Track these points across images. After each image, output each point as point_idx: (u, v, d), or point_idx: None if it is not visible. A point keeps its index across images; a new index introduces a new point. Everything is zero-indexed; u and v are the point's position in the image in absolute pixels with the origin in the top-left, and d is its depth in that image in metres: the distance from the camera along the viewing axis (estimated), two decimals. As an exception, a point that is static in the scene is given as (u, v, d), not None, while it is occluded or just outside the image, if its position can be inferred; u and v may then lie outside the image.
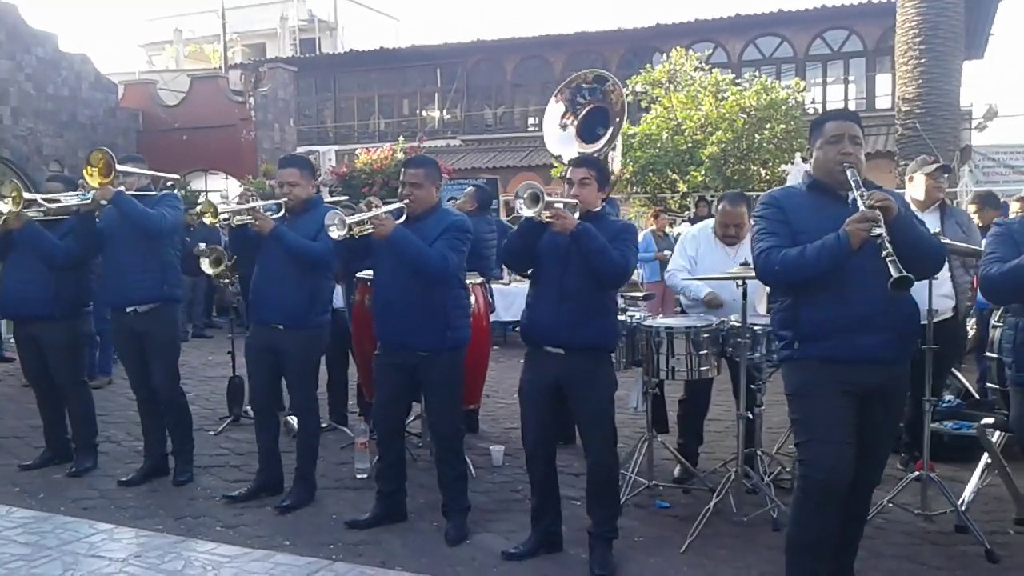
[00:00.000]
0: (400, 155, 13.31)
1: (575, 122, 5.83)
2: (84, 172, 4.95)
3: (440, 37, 56.80)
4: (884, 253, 2.91)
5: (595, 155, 5.33)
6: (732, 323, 4.56)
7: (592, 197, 3.89)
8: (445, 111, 25.12)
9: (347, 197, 9.53)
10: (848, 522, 3.39)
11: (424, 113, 25.59)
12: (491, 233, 7.20)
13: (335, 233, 3.95)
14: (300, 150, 19.51)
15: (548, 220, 3.67)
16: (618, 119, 5.72)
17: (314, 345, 4.79)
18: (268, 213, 4.67)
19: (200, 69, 26.64)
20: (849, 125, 3.27)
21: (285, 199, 4.70)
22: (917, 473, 4.38)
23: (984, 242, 3.40)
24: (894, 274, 2.86)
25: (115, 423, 6.60)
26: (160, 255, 5.03)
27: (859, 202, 3.04)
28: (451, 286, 4.25)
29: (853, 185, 3.11)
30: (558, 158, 6.23)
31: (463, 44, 24.09)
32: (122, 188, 4.94)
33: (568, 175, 3.97)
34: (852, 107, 21.03)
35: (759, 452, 4.70)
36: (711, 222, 5.31)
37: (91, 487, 5.08)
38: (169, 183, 6.33)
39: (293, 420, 5.31)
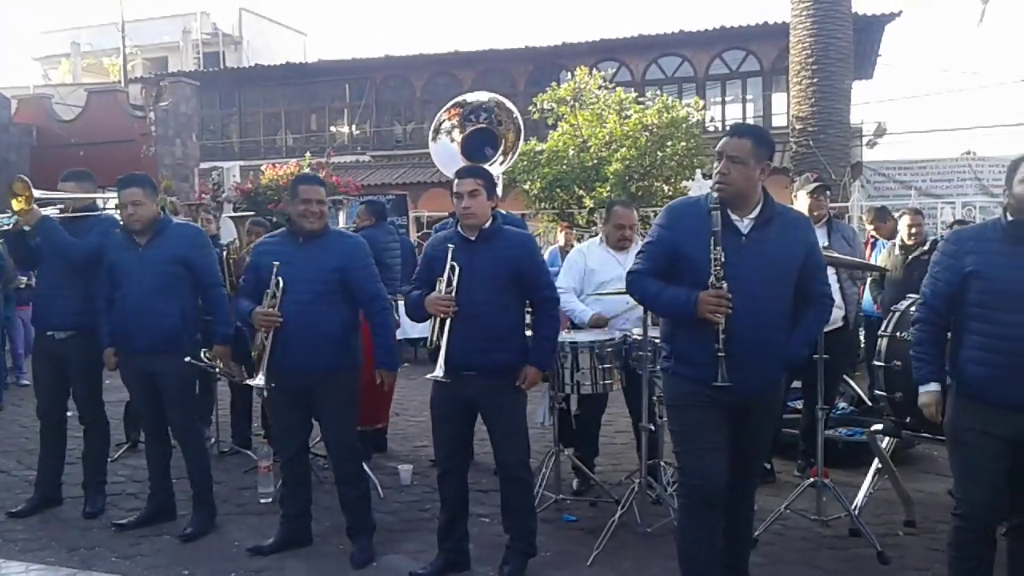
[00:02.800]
0: (307, 171, 13.14)
1: (458, 139, 5.83)
2: (12, 200, 4.73)
3: (348, 52, 56.40)
4: (717, 350, 3.13)
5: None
6: (634, 336, 4.64)
7: (483, 208, 3.88)
8: (354, 127, 24.91)
9: (253, 213, 9.38)
10: (732, 543, 3.49)
11: (333, 128, 25.32)
12: (394, 243, 7.16)
13: None
14: (204, 165, 19.09)
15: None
16: (506, 143, 5.78)
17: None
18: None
19: (98, 83, 25.77)
20: (731, 143, 3.22)
21: (130, 220, 4.47)
22: (812, 480, 4.52)
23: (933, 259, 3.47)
24: (718, 381, 3.14)
25: (5, 451, 6.30)
26: (85, 282, 4.78)
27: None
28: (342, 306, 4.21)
29: (713, 220, 3.16)
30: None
31: (372, 60, 23.96)
32: (48, 213, 4.76)
33: (456, 188, 3.93)
34: (751, 125, 21.78)
35: (662, 463, 4.79)
36: (597, 237, 5.41)
37: (-23, 521, 4.83)
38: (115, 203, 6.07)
39: None
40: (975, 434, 3.18)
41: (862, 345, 7.51)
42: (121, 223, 4.59)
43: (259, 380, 4.15)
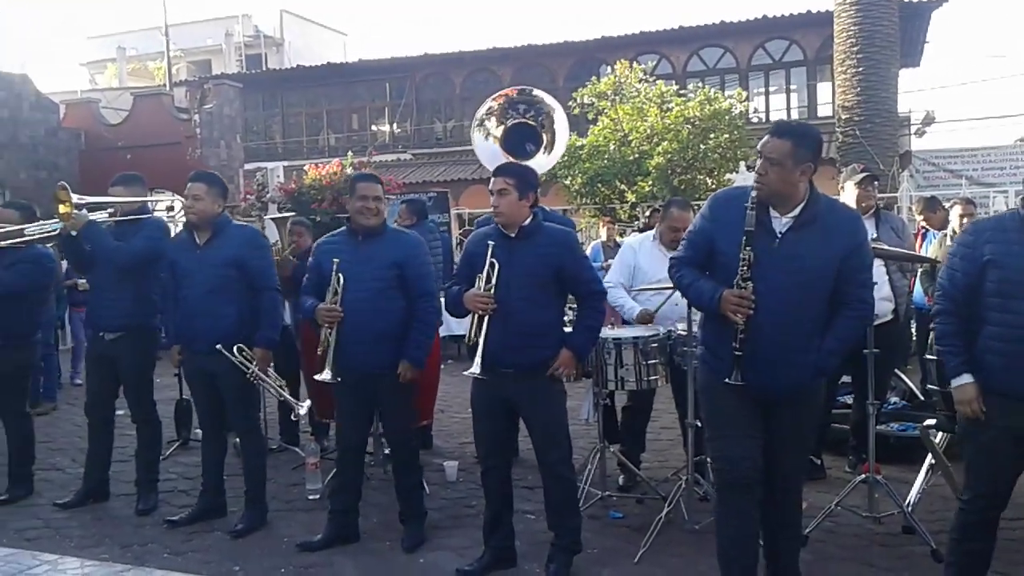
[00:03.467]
0: (349, 170, 13.23)
1: (498, 134, 5.75)
2: (58, 205, 4.86)
3: (388, 51, 56.64)
4: (734, 349, 3.15)
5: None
6: (679, 332, 4.60)
7: (513, 207, 3.85)
8: (395, 125, 25.04)
9: (293, 213, 9.46)
10: (779, 540, 3.45)
11: (374, 127, 25.48)
12: (435, 241, 7.19)
13: None
14: (248, 167, 19.30)
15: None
16: (549, 136, 5.71)
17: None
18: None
19: (143, 87, 26.20)
20: (768, 144, 3.18)
21: (188, 213, 4.61)
22: (864, 476, 4.45)
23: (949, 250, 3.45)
24: (731, 379, 3.16)
25: (60, 450, 6.46)
26: (134, 284, 4.93)
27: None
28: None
29: (747, 219, 3.14)
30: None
31: (411, 58, 24.05)
32: (97, 216, 4.90)
33: (491, 187, 3.95)
34: (795, 115, 21.50)
35: (709, 460, 4.74)
36: (651, 232, 5.36)
37: (35, 516, 4.95)
38: (163, 205, 6.20)
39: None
40: (991, 432, 3.19)
41: (913, 338, 7.37)
42: (175, 224, 4.71)
43: (325, 375, 4.27)
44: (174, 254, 4.74)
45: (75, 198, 4.83)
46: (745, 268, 3.13)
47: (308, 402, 4.94)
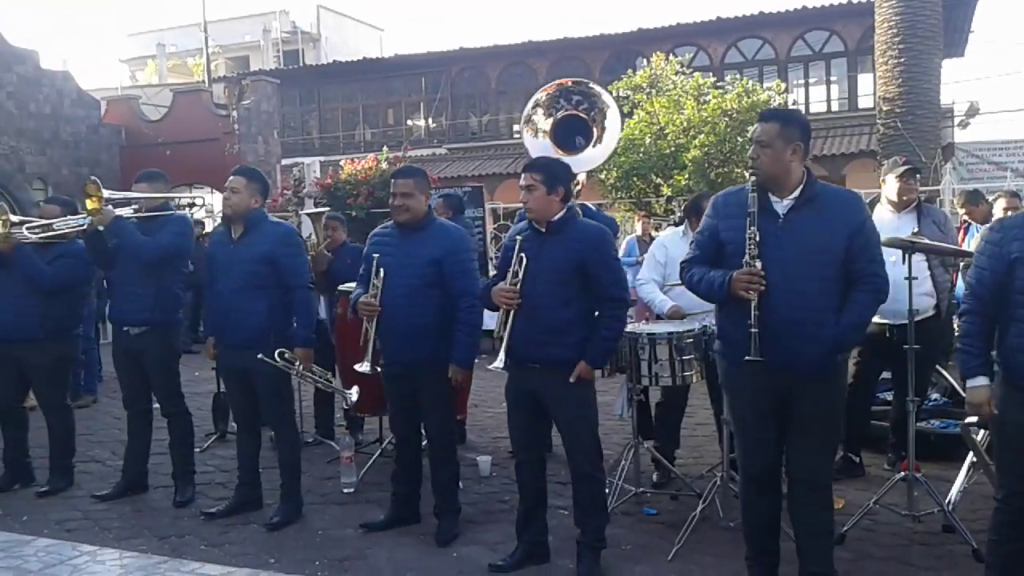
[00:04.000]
0: (384, 165, 13.27)
1: (547, 128, 5.67)
2: (86, 200, 4.94)
3: (424, 46, 56.76)
4: (750, 326, 3.19)
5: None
6: (714, 327, 4.54)
7: (541, 203, 3.83)
8: (430, 120, 25.10)
9: (329, 208, 9.51)
10: (807, 538, 3.42)
11: (409, 122, 25.55)
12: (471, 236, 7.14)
13: None
14: (285, 162, 19.48)
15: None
16: (599, 131, 5.60)
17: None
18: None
19: (183, 83, 26.54)
20: (758, 128, 3.32)
21: (224, 204, 4.70)
22: (903, 473, 4.37)
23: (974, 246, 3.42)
24: (751, 355, 3.19)
25: (100, 442, 6.56)
26: (157, 279, 5.00)
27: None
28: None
29: (750, 201, 3.25)
30: None
31: (447, 53, 24.07)
32: (123, 211, 4.96)
33: (519, 182, 3.95)
34: (835, 107, 21.21)
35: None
36: (681, 227, 5.30)
37: (75, 508, 5.03)
38: (185, 201, 6.27)
39: None
40: (1018, 428, 3.16)
41: (956, 334, 7.21)
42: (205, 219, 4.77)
43: (364, 366, 4.33)
44: (211, 248, 4.85)
45: (106, 193, 4.90)
46: (752, 246, 3.22)
47: (356, 388, 4.92)
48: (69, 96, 17.09)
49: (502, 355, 3.83)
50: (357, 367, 4.42)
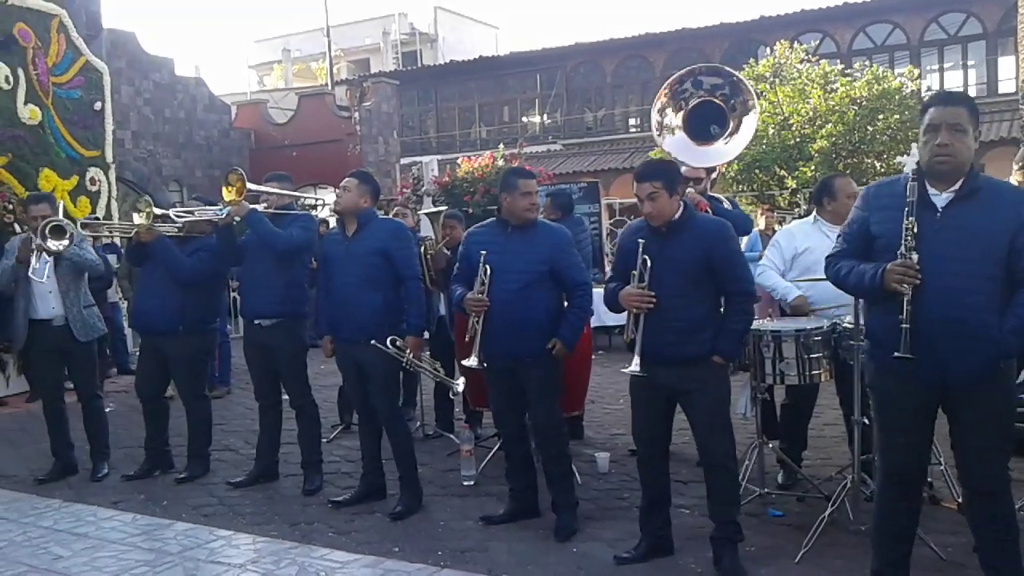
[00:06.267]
0: (500, 162, 13.39)
1: (678, 122, 5.50)
2: (223, 189, 5.22)
3: (539, 43, 56.85)
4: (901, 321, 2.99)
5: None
6: (845, 325, 4.37)
7: (666, 208, 3.79)
8: (545, 116, 25.17)
9: (447, 206, 9.66)
10: (991, 543, 3.20)
11: (524, 119, 25.71)
12: (582, 233, 7.03)
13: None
14: (404, 161, 19.92)
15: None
16: (736, 123, 5.40)
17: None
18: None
19: (307, 87, 27.48)
20: (948, 112, 3.05)
21: (335, 201, 4.91)
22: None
23: None
24: (900, 352, 2.99)
25: (233, 432, 6.85)
26: (287, 273, 5.22)
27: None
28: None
29: (908, 190, 3.05)
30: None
31: (562, 48, 24.08)
32: (256, 207, 5.19)
33: (635, 192, 3.88)
34: (972, 93, 20.05)
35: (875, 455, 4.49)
36: (809, 218, 5.07)
37: (210, 494, 5.27)
38: (310, 202, 6.50)
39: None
40: None
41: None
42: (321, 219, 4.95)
43: (472, 361, 4.38)
44: (326, 246, 4.98)
45: (250, 185, 5.13)
46: (909, 238, 3.02)
47: (463, 379, 5.04)
48: (202, 101, 17.96)
49: (636, 360, 3.80)
50: (464, 362, 4.48)
